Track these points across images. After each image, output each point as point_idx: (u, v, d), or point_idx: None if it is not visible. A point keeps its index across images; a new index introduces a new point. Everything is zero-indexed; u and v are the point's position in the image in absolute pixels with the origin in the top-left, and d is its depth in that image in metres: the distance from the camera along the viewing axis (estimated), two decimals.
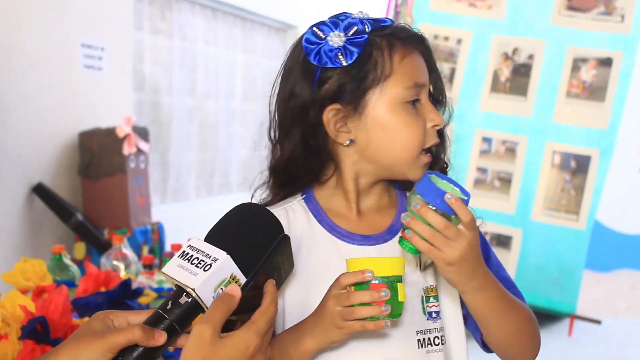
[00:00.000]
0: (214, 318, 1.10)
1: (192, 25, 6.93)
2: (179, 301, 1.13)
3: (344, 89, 1.45)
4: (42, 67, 4.95)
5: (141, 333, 1.09)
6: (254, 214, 1.26)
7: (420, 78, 1.47)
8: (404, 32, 1.49)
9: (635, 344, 6.00)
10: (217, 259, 1.13)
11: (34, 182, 4.89)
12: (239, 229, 1.22)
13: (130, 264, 3.11)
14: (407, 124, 1.45)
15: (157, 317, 1.14)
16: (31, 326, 1.92)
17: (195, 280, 1.12)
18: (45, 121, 4.97)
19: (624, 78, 5.38)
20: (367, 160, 1.48)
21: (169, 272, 1.15)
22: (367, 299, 1.28)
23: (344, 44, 1.45)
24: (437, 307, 1.48)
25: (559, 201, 5.60)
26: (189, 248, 1.16)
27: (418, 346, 1.45)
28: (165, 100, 6.60)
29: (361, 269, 1.29)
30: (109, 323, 1.16)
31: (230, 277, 1.14)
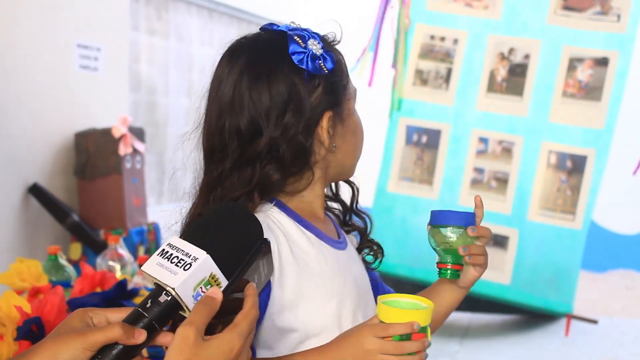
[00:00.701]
0: (197, 320, 1.11)
1: (188, 25, 6.93)
2: (159, 300, 1.13)
3: (329, 96, 1.48)
4: (38, 67, 4.94)
5: (121, 331, 1.09)
6: (234, 213, 1.26)
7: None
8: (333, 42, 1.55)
9: (630, 344, 6.01)
10: (197, 258, 1.13)
11: (30, 183, 4.89)
12: (219, 228, 1.21)
13: (126, 265, 3.10)
14: (360, 126, 1.57)
15: (136, 315, 1.13)
16: (27, 327, 1.91)
17: (175, 279, 1.12)
18: (41, 122, 4.96)
19: (620, 78, 5.38)
20: (337, 164, 1.53)
21: (148, 270, 1.14)
22: (415, 349, 1.34)
23: (323, 51, 1.47)
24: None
25: (555, 201, 5.61)
26: (169, 246, 1.16)
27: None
28: (161, 100, 6.59)
29: (403, 319, 1.34)
30: (88, 321, 1.15)
31: (209, 277, 1.14)
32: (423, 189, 5.77)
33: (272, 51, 1.47)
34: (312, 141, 1.46)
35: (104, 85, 5.55)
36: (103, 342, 1.09)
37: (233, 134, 1.46)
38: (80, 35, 5.29)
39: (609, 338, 6.11)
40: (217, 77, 1.56)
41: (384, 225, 5.88)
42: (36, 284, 2.56)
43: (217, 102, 1.52)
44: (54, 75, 5.08)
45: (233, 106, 1.47)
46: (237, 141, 1.46)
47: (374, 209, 5.93)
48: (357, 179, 1.65)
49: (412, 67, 5.80)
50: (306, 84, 1.45)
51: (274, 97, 1.43)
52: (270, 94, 1.43)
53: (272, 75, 1.44)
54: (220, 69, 1.56)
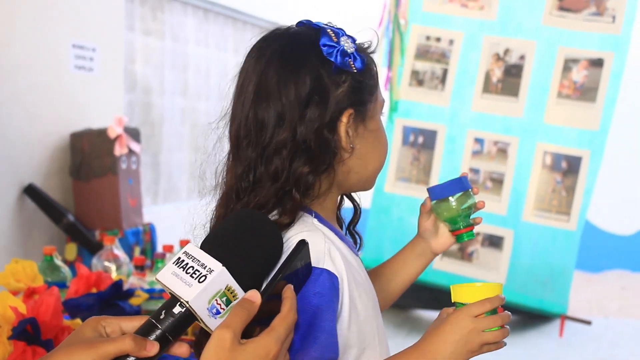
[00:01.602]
0: (234, 323, 1.09)
1: (184, 26, 6.93)
2: (173, 311, 1.12)
3: (355, 95, 1.43)
4: (33, 67, 4.93)
5: (133, 344, 1.08)
6: (253, 222, 1.24)
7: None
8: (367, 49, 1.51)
9: (625, 345, 6.02)
10: (213, 270, 1.11)
11: (25, 183, 4.88)
12: (237, 238, 1.19)
13: (121, 265, 3.10)
14: (383, 135, 1.52)
15: (149, 327, 1.12)
16: (22, 327, 1.91)
17: (190, 292, 1.10)
18: (36, 122, 4.96)
19: (615, 79, 5.39)
20: (357, 169, 1.46)
21: (163, 279, 1.13)
22: (500, 323, 1.38)
23: (354, 50, 1.44)
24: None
25: (550, 202, 5.61)
26: (185, 255, 1.13)
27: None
28: (157, 101, 6.59)
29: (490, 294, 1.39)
30: (101, 330, 1.14)
31: (225, 289, 1.12)
32: (420, 189, 5.77)
33: (302, 42, 1.43)
34: (336, 137, 1.40)
35: (100, 85, 5.55)
36: (114, 354, 1.08)
37: (258, 123, 1.41)
38: (75, 35, 5.28)
39: (604, 338, 6.12)
40: (245, 65, 1.52)
41: (381, 225, 5.89)
42: (31, 285, 2.56)
43: (243, 91, 1.48)
44: (49, 76, 5.08)
45: (259, 95, 1.43)
46: (262, 131, 1.40)
47: (371, 210, 5.94)
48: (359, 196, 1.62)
49: (408, 67, 5.81)
50: (333, 78, 1.40)
51: (299, 87, 1.38)
52: (295, 84, 1.39)
53: (299, 65, 1.40)
54: (248, 58, 1.52)
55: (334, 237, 1.43)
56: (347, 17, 8.60)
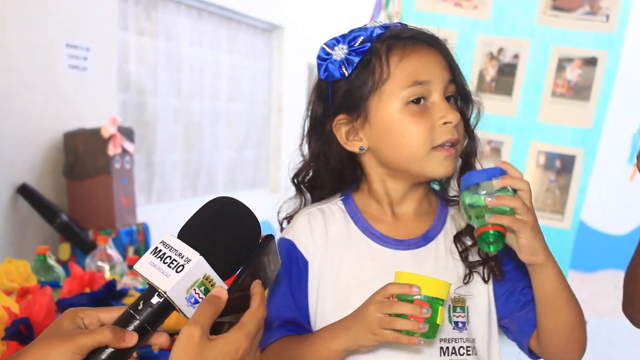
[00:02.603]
0: (202, 320, 1.09)
1: (178, 25, 6.92)
2: (151, 301, 1.12)
3: (347, 99, 1.51)
4: (27, 67, 4.92)
5: (111, 335, 1.07)
6: (230, 210, 1.23)
7: (423, 76, 1.48)
8: (406, 31, 1.52)
9: (618, 344, 6.03)
10: (190, 259, 1.11)
11: (19, 183, 4.87)
12: (214, 226, 1.18)
13: (115, 265, 3.10)
14: (409, 123, 1.48)
15: (127, 317, 1.12)
16: (15, 327, 1.91)
17: (167, 282, 1.09)
18: (29, 122, 4.95)
19: (609, 77, 5.40)
20: (383, 165, 1.53)
21: (140, 269, 1.12)
22: (409, 312, 1.32)
23: (346, 55, 1.50)
24: (463, 317, 1.50)
25: (544, 201, 5.62)
26: (162, 245, 1.14)
27: (440, 353, 1.47)
28: (151, 100, 6.58)
29: (406, 281, 1.34)
30: (79, 322, 1.14)
31: (203, 278, 1.12)
32: None
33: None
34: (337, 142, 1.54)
35: (93, 85, 5.54)
36: (93, 346, 1.08)
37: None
38: (69, 35, 5.27)
39: (598, 338, 6.12)
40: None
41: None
42: (25, 285, 2.55)
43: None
44: (42, 75, 5.07)
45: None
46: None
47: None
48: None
49: None
50: (325, 90, 1.55)
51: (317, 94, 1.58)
52: (316, 91, 1.58)
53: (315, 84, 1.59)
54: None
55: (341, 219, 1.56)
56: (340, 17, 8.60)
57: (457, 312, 1.49)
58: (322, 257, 1.53)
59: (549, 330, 1.47)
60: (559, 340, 1.48)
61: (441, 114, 1.47)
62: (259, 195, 8.24)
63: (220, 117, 7.68)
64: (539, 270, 1.42)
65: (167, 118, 6.81)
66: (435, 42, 1.53)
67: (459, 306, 1.50)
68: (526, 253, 1.39)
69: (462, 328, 1.49)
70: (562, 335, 1.48)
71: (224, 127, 7.78)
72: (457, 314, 1.49)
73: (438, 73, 1.49)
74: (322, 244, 1.54)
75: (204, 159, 7.47)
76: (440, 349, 1.47)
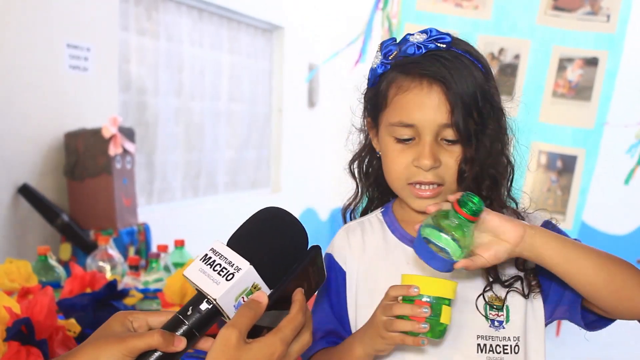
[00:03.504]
0: (241, 323, 1.11)
1: (179, 26, 6.92)
2: (199, 307, 1.14)
3: (370, 106, 1.59)
4: (27, 67, 4.92)
5: (161, 339, 1.10)
6: (279, 221, 1.25)
7: (410, 118, 1.48)
8: (417, 66, 1.48)
9: (620, 344, 6.02)
10: (240, 268, 1.13)
11: (19, 183, 4.87)
12: (263, 236, 1.20)
13: (116, 265, 3.11)
14: (389, 155, 1.53)
15: (176, 322, 1.14)
16: (16, 328, 1.91)
17: (218, 289, 1.12)
18: (30, 122, 4.95)
19: (610, 78, 5.40)
20: (385, 172, 1.60)
21: (190, 276, 1.14)
22: (407, 312, 1.34)
23: (377, 65, 1.54)
24: (501, 316, 1.50)
25: (545, 201, 5.61)
26: (212, 252, 1.16)
27: (477, 350, 1.48)
28: (151, 101, 6.58)
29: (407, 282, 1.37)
30: (129, 324, 1.16)
31: (252, 286, 1.14)
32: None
33: None
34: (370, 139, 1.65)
35: (94, 85, 5.54)
36: (143, 349, 1.10)
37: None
38: (69, 35, 5.27)
39: (600, 338, 6.09)
40: None
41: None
42: (26, 285, 2.56)
43: None
44: (43, 75, 5.06)
45: None
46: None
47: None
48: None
49: None
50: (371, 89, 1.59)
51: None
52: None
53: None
54: None
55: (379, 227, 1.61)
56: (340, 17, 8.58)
57: (494, 311, 1.50)
58: (359, 268, 1.57)
59: (587, 290, 1.42)
60: (603, 296, 1.41)
61: (417, 156, 1.48)
62: (259, 195, 8.24)
63: (221, 117, 7.68)
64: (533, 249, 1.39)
65: (167, 118, 6.81)
66: (444, 78, 1.46)
67: (495, 304, 1.50)
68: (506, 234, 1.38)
69: (498, 327, 1.50)
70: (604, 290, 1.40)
71: (225, 127, 7.78)
72: (494, 312, 1.50)
73: (430, 117, 1.46)
74: (359, 255, 1.58)
75: (204, 159, 7.46)
76: (477, 345, 1.48)
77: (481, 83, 1.50)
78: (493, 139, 1.53)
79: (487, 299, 1.50)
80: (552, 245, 1.39)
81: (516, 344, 1.50)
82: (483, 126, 1.50)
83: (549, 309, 1.53)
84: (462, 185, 1.48)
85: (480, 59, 1.55)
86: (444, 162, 1.48)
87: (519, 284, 1.50)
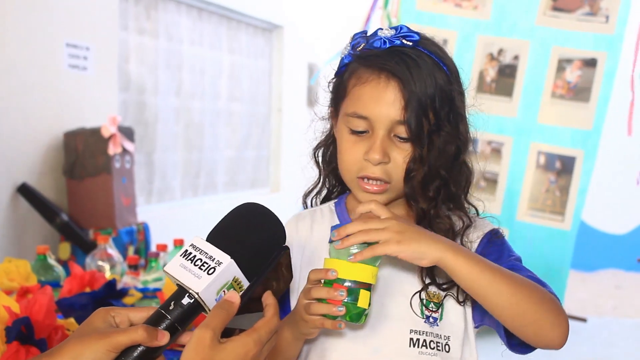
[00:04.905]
0: (214, 323, 1.13)
1: (178, 25, 6.92)
2: (181, 302, 1.15)
3: (333, 95, 1.59)
4: (27, 66, 4.92)
5: (145, 334, 1.11)
6: (257, 216, 1.26)
7: (365, 110, 1.48)
8: (378, 60, 1.49)
9: (619, 344, 6.03)
10: (221, 262, 1.15)
11: (19, 182, 4.87)
12: (242, 231, 1.22)
13: (115, 265, 3.10)
14: (343, 146, 1.53)
15: (158, 317, 1.15)
16: (17, 328, 1.91)
17: (199, 283, 1.14)
18: (29, 121, 4.95)
19: (608, 79, 5.41)
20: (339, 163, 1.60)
21: (171, 271, 1.16)
22: (324, 295, 1.35)
23: (345, 56, 1.56)
24: (436, 313, 1.50)
25: (544, 201, 5.62)
26: (192, 247, 1.17)
27: (410, 344, 1.48)
28: (151, 100, 6.58)
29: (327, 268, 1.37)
30: (111, 320, 1.17)
31: (232, 280, 1.16)
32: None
33: None
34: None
35: (93, 84, 5.54)
36: (127, 344, 1.11)
37: None
38: (69, 34, 5.27)
39: (599, 337, 6.13)
40: None
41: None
42: (25, 284, 2.56)
43: None
44: (43, 75, 5.07)
45: None
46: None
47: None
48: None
49: None
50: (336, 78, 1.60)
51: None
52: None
53: None
54: None
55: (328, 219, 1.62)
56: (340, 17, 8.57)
57: (430, 307, 1.50)
58: (304, 255, 1.58)
59: (495, 312, 1.41)
60: (509, 318, 1.41)
61: (367, 149, 1.48)
62: (259, 195, 8.24)
63: (220, 117, 7.68)
64: (444, 265, 1.37)
65: (167, 117, 6.81)
66: (402, 74, 1.45)
67: (433, 302, 1.50)
68: (415, 261, 1.36)
69: (433, 323, 1.49)
70: (510, 312, 1.39)
71: (224, 126, 7.78)
72: (430, 309, 1.50)
73: (384, 111, 1.46)
74: (305, 243, 1.59)
75: (204, 158, 7.47)
76: (410, 339, 1.48)
77: (442, 85, 1.47)
78: (447, 141, 1.48)
79: (425, 295, 1.50)
80: (465, 268, 1.37)
81: (446, 343, 1.50)
82: (438, 127, 1.47)
83: (477, 315, 1.53)
84: (408, 185, 1.48)
85: (445, 60, 1.52)
86: (393, 158, 1.47)
87: (455, 290, 1.50)
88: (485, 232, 1.56)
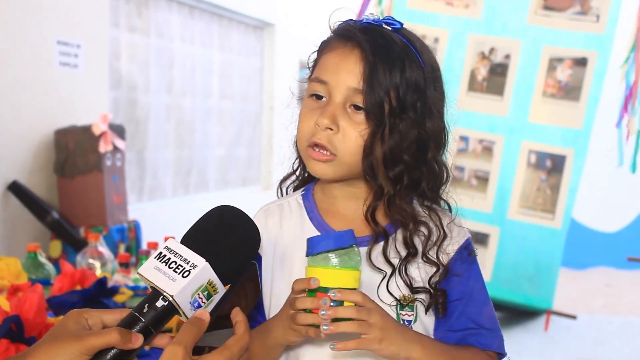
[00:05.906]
0: (186, 340, 1.12)
1: (169, 23, 6.91)
2: (155, 304, 1.14)
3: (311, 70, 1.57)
4: (17, 64, 4.91)
5: (119, 337, 1.10)
6: (232, 218, 1.26)
7: (325, 75, 1.48)
8: (349, 31, 1.50)
9: (609, 342, 6.05)
10: (196, 265, 1.14)
11: (9, 180, 4.86)
12: (217, 234, 1.21)
13: (106, 263, 3.10)
14: (303, 113, 1.52)
15: (132, 319, 1.14)
16: (7, 326, 1.90)
17: (174, 286, 1.12)
18: (20, 119, 4.94)
19: (598, 78, 5.43)
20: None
21: (145, 274, 1.15)
22: (307, 306, 1.34)
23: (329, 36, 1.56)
24: (410, 316, 1.50)
25: (534, 200, 5.64)
26: (166, 250, 1.16)
27: None
28: (142, 98, 6.57)
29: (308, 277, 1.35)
30: (84, 322, 1.16)
31: (207, 283, 1.15)
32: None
33: None
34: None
35: (84, 82, 5.53)
36: (100, 347, 1.10)
37: None
38: (60, 32, 5.26)
39: (589, 335, 6.15)
40: None
41: None
42: (15, 282, 2.55)
43: None
44: (33, 72, 5.05)
45: None
46: None
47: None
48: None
49: None
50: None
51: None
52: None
53: None
54: None
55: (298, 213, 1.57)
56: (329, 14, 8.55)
57: (405, 311, 1.50)
58: (275, 254, 1.55)
59: None
60: None
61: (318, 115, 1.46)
62: (250, 193, 8.24)
63: (211, 115, 7.67)
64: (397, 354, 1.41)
65: (158, 115, 6.81)
66: (367, 45, 1.45)
67: (408, 305, 1.49)
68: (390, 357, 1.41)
69: (407, 326, 1.49)
70: None
71: (216, 124, 7.78)
72: (405, 312, 1.50)
73: (342, 77, 1.45)
74: (276, 241, 1.55)
75: (195, 156, 7.46)
76: None
77: (412, 74, 1.46)
78: (409, 126, 1.45)
79: (399, 297, 1.49)
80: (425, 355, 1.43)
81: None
82: (401, 112, 1.45)
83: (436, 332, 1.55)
84: (366, 161, 1.45)
85: (423, 55, 1.50)
86: (342, 128, 1.44)
87: (425, 296, 1.50)
88: (460, 245, 1.54)
